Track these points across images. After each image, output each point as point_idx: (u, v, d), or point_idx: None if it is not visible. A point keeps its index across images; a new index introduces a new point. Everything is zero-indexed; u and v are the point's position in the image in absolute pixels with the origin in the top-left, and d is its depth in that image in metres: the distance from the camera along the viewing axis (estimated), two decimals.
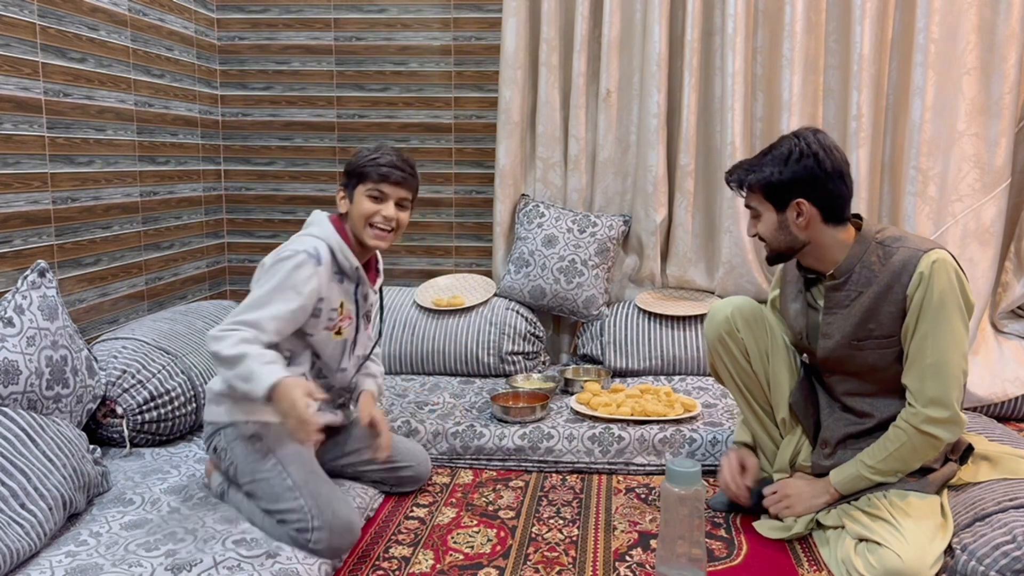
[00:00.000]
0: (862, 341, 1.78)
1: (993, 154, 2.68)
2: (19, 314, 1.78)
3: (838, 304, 1.81)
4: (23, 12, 2.17)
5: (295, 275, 1.73)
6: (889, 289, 1.73)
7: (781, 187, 1.77)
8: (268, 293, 1.72)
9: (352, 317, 1.91)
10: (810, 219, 1.77)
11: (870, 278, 1.76)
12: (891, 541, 1.61)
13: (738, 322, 1.96)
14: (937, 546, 1.61)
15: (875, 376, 1.81)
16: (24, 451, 1.63)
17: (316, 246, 1.79)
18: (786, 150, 1.76)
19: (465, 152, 3.22)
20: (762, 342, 1.96)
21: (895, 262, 1.73)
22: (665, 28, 2.86)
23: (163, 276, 2.87)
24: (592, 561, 1.77)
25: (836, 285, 1.80)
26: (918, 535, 1.61)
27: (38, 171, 2.24)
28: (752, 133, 2.91)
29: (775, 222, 1.81)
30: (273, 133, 3.27)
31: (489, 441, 2.31)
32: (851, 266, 1.78)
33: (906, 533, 1.61)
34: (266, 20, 3.20)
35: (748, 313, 1.97)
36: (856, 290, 1.77)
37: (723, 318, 1.97)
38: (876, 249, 1.77)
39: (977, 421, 2.29)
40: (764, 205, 1.81)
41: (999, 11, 2.65)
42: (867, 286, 1.76)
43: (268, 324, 1.70)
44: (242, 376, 1.65)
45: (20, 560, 1.50)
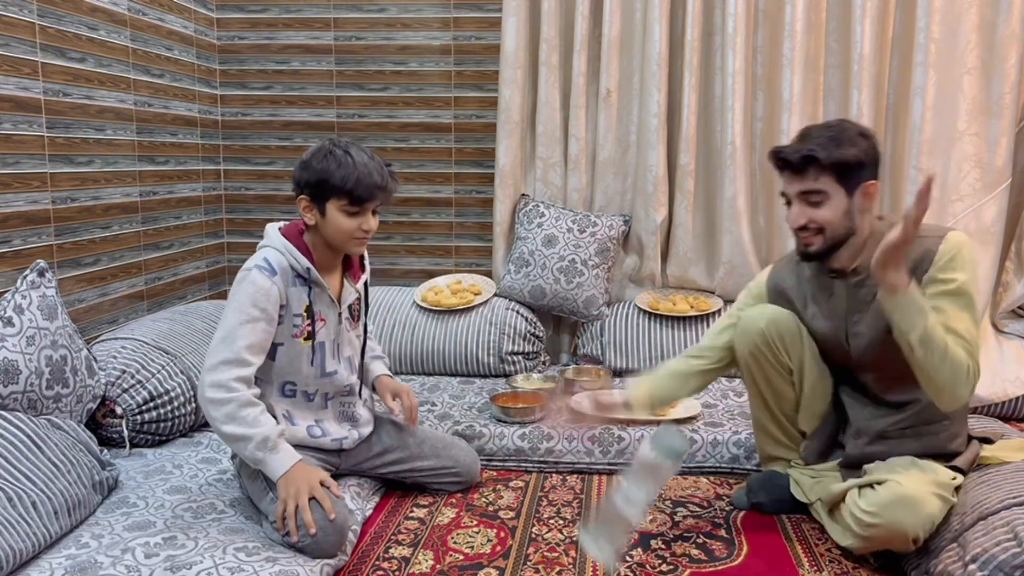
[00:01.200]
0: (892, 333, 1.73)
1: (994, 154, 2.68)
2: (19, 314, 1.78)
3: (863, 301, 1.77)
4: (23, 12, 2.16)
5: (254, 293, 1.71)
6: (912, 276, 1.67)
7: (859, 167, 1.69)
8: (235, 321, 1.70)
9: (324, 319, 1.86)
10: (872, 204, 1.72)
11: None
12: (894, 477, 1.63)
13: (774, 336, 1.89)
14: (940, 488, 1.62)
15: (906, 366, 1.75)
16: (31, 455, 1.63)
17: (266, 256, 1.76)
18: (855, 130, 1.70)
19: (465, 152, 3.22)
20: (796, 355, 1.90)
21: (915, 251, 1.67)
22: (665, 28, 2.86)
23: (163, 276, 2.87)
24: (592, 561, 1.77)
25: (859, 282, 1.76)
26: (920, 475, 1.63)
27: (37, 171, 2.23)
28: (752, 133, 2.91)
29: (845, 207, 1.71)
30: (273, 133, 3.27)
31: (489, 441, 2.30)
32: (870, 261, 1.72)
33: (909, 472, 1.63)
34: (266, 20, 3.20)
35: (784, 326, 1.89)
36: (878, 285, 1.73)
37: (758, 331, 1.90)
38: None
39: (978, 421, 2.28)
40: (835, 187, 1.69)
41: (999, 11, 2.64)
42: None
43: (247, 354, 1.69)
44: (252, 460, 1.68)
45: (22, 561, 1.50)
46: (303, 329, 1.82)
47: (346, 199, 1.74)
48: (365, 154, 1.75)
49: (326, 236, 1.80)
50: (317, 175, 1.74)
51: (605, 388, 2.67)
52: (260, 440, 1.65)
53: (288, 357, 1.83)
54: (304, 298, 1.81)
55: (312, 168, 1.74)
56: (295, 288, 1.80)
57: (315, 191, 1.75)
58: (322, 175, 1.73)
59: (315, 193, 1.76)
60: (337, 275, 1.90)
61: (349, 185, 1.72)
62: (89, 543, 1.60)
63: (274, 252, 1.78)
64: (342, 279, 1.91)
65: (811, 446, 1.94)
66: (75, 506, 1.67)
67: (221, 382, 1.65)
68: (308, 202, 1.78)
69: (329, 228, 1.78)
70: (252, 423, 1.66)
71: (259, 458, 1.66)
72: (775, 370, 1.92)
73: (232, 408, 1.65)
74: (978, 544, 1.55)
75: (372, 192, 1.75)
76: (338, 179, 1.72)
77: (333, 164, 1.72)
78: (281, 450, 1.68)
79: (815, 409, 1.94)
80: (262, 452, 1.65)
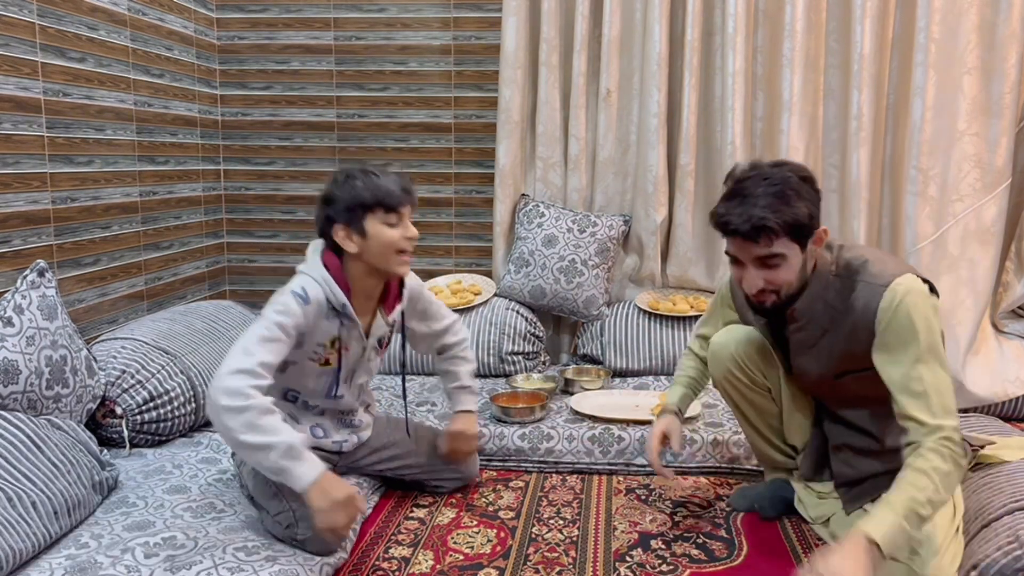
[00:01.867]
0: (840, 376, 1.71)
1: (994, 154, 2.68)
2: (19, 314, 1.78)
3: (803, 344, 1.73)
4: (23, 12, 2.16)
5: (283, 316, 1.69)
6: (855, 329, 1.61)
7: (810, 221, 1.57)
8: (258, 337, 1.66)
9: (348, 349, 1.84)
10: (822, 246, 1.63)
11: (833, 316, 1.64)
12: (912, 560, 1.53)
13: (745, 359, 1.88)
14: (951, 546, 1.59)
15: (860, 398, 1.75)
16: (31, 455, 1.63)
17: (304, 285, 1.73)
18: (794, 179, 1.57)
19: (465, 152, 3.22)
20: (772, 374, 1.90)
21: (857, 300, 1.60)
22: (665, 27, 2.86)
23: (162, 276, 2.87)
24: (592, 561, 1.77)
25: (798, 327, 1.71)
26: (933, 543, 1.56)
27: (37, 171, 2.23)
28: (752, 133, 2.91)
29: (800, 263, 1.60)
30: (273, 133, 3.27)
31: (489, 441, 2.30)
32: (810, 307, 1.66)
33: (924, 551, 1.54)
34: (266, 20, 3.20)
35: (755, 347, 1.88)
36: (820, 328, 1.67)
37: (729, 356, 1.89)
38: (834, 283, 1.64)
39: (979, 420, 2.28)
40: (790, 247, 1.57)
41: (999, 11, 2.64)
42: (831, 323, 1.65)
43: (262, 370, 1.64)
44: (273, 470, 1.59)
45: (22, 561, 1.50)
46: (323, 357, 1.81)
47: (382, 209, 1.74)
48: (378, 170, 1.79)
49: (370, 259, 1.78)
50: (347, 199, 1.74)
51: (605, 388, 2.67)
52: (284, 449, 1.56)
53: (298, 374, 1.82)
54: (333, 331, 1.79)
55: (338, 196, 1.75)
56: (327, 321, 1.78)
57: (349, 215, 1.75)
58: (352, 197, 1.74)
59: (350, 217, 1.75)
60: (372, 306, 1.88)
61: (381, 195, 1.74)
62: (89, 543, 1.60)
63: (312, 283, 1.74)
64: (375, 311, 1.88)
65: (805, 461, 1.93)
66: (75, 506, 1.67)
67: (237, 389, 1.57)
68: (345, 228, 1.76)
69: (373, 246, 1.76)
70: (273, 431, 1.58)
71: (282, 467, 1.57)
72: (752, 391, 1.92)
73: (251, 416, 1.56)
74: (980, 551, 1.55)
75: (403, 196, 1.77)
76: (369, 194, 1.74)
77: (358, 184, 1.74)
78: (306, 458, 1.60)
79: (799, 422, 1.92)
80: (286, 461, 1.57)
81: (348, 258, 1.79)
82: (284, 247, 3.34)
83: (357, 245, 1.76)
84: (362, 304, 1.83)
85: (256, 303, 3.28)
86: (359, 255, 1.77)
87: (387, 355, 2.09)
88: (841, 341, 1.66)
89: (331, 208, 1.76)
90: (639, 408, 2.45)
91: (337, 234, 1.76)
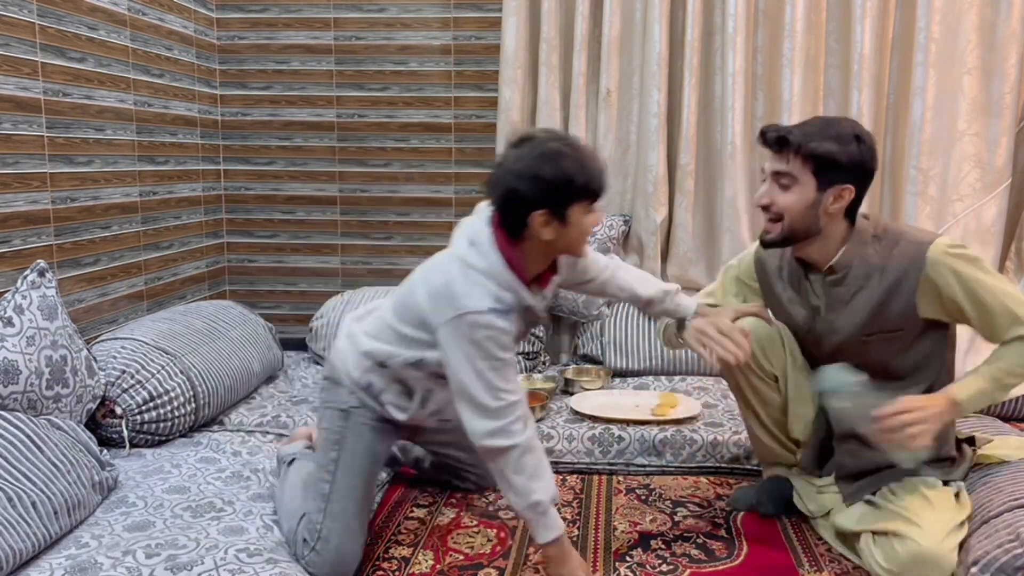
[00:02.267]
0: (870, 336, 1.75)
1: (994, 154, 2.69)
2: (19, 314, 1.78)
3: (839, 299, 1.77)
4: (22, 12, 2.16)
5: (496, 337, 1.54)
6: (898, 284, 1.69)
7: (835, 167, 1.65)
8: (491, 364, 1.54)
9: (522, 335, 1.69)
10: (841, 208, 1.70)
11: (869, 273, 1.72)
12: (911, 531, 1.60)
13: (755, 346, 1.87)
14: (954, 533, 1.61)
15: (879, 367, 1.77)
16: (30, 455, 1.63)
17: (495, 294, 1.55)
18: (849, 131, 1.66)
19: (465, 152, 3.22)
20: (779, 362, 1.91)
21: (898, 256, 1.69)
22: (665, 28, 2.86)
23: (162, 276, 2.87)
24: (592, 561, 1.77)
25: (836, 280, 1.76)
26: (935, 522, 1.61)
27: (37, 171, 2.23)
28: (752, 133, 2.91)
29: (810, 200, 1.68)
30: (273, 133, 3.27)
31: None
32: (849, 261, 1.73)
33: (924, 522, 1.61)
34: (266, 20, 3.20)
35: (764, 335, 1.89)
36: (856, 285, 1.74)
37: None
38: (873, 243, 1.73)
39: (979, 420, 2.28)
40: (806, 177, 1.67)
41: (1000, 10, 2.65)
42: (867, 280, 1.72)
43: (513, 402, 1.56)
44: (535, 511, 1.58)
45: (22, 561, 1.50)
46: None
47: (589, 199, 1.55)
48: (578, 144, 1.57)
49: (560, 246, 1.60)
50: (558, 183, 1.51)
51: (605, 388, 2.67)
52: (534, 503, 1.57)
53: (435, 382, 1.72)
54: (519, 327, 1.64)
55: (546, 179, 1.51)
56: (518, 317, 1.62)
57: (555, 200, 1.52)
58: (563, 181, 1.51)
59: (555, 203, 1.52)
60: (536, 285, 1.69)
61: (594, 182, 1.54)
62: (89, 543, 1.60)
63: (499, 289, 1.56)
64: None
65: (807, 453, 1.93)
66: (75, 506, 1.67)
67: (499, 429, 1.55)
68: (547, 216, 1.53)
69: (571, 234, 1.57)
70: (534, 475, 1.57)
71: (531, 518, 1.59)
72: (759, 378, 1.92)
73: (516, 455, 1.56)
74: (980, 547, 1.55)
75: (605, 181, 1.58)
76: (582, 181, 1.52)
77: (572, 166, 1.52)
78: (552, 514, 1.60)
79: (803, 414, 1.93)
80: (533, 514, 1.58)
81: (530, 242, 1.58)
82: (284, 247, 3.34)
83: (554, 233, 1.55)
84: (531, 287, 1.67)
85: (256, 303, 3.29)
86: (549, 241, 1.57)
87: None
88: (877, 297, 1.71)
89: (534, 187, 1.51)
90: (639, 408, 2.45)
91: (535, 220, 1.53)
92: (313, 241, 3.32)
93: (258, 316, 2.84)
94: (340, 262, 3.33)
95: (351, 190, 3.27)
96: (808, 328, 1.85)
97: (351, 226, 3.30)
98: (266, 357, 2.69)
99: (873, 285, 1.72)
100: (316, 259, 3.34)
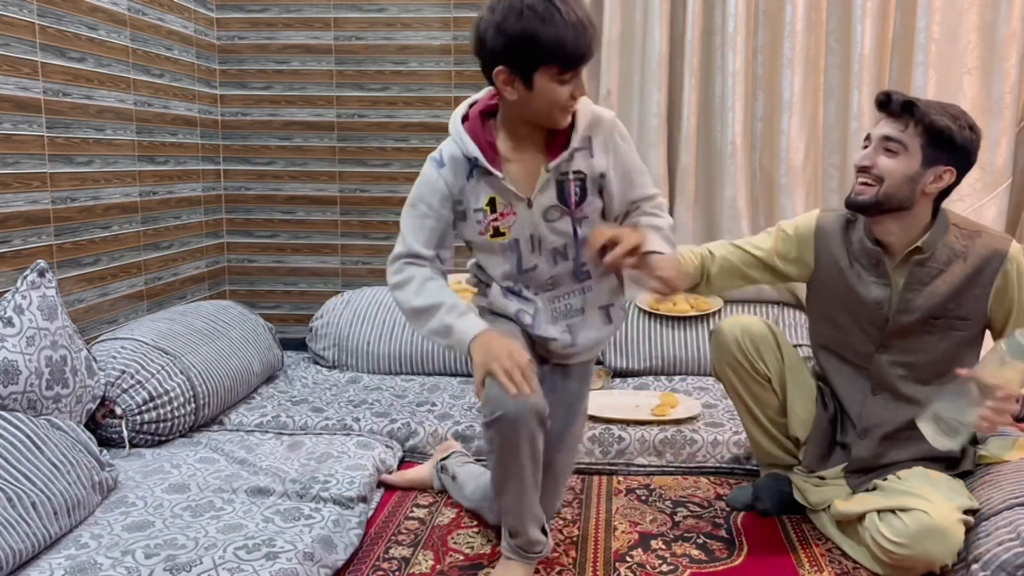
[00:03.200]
0: (939, 319, 1.77)
1: (994, 154, 2.69)
2: (19, 314, 1.78)
3: (919, 280, 1.77)
4: (22, 12, 2.16)
5: (421, 186, 1.60)
6: (978, 272, 1.73)
7: (948, 145, 1.68)
8: (405, 216, 1.62)
9: (515, 212, 1.58)
10: (937, 190, 1.73)
11: (951, 258, 1.75)
12: (920, 504, 1.61)
13: (748, 345, 1.91)
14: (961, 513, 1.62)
15: (934, 359, 1.79)
16: (30, 456, 1.63)
17: (442, 146, 1.60)
18: (965, 117, 1.70)
19: None
20: (775, 363, 1.92)
21: (981, 247, 1.74)
22: (665, 27, 2.86)
23: (162, 276, 2.87)
24: (592, 561, 1.77)
25: (922, 260, 1.77)
26: (944, 499, 1.62)
27: (37, 171, 2.23)
28: (752, 133, 2.91)
29: (913, 171, 1.70)
30: (272, 133, 3.27)
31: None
32: (935, 244, 1.75)
33: (933, 498, 1.62)
34: (265, 20, 3.20)
35: (758, 335, 1.91)
36: (937, 268, 1.76)
37: (733, 341, 1.91)
38: (955, 231, 1.76)
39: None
40: (916, 148, 1.69)
41: (1000, 11, 2.65)
42: (947, 265, 1.75)
43: (419, 247, 1.59)
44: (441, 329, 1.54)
45: (21, 561, 1.50)
46: (487, 225, 1.60)
47: (558, 67, 1.43)
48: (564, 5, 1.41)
49: (529, 112, 1.52)
50: (519, 40, 1.40)
51: (605, 388, 2.67)
52: (449, 305, 1.54)
53: (484, 256, 1.68)
54: (486, 189, 1.57)
55: (508, 31, 1.40)
56: (471, 180, 1.57)
57: (516, 59, 1.43)
58: (525, 37, 1.40)
59: (517, 61, 1.43)
60: (535, 155, 1.59)
61: (564, 49, 1.41)
62: (88, 543, 1.60)
63: (448, 141, 1.59)
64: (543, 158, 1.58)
65: (810, 451, 1.93)
66: (74, 506, 1.67)
67: (397, 268, 1.60)
68: (507, 73, 1.45)
69: (537, 102, 1.48)
70: (438, 293, 1.57)
71: (448, 323, 1.52)
72: (753, 379, 1.93)
73: (416, 284, 1.57)
74: (980, 544, 1.56)
75: (587, 51, 1.45)
76: (549, 44, 1.40)
77: (537, 23, 1.39)
78: (470, 316, 1.55)
79: (800, 414, 1.94)
80: (451, 317, 1.52)
81: (502, 103, 1.55)
82: (284, 247, 3.34)
83: (518, 95, 1.48)
84: (520, 154, 1.58)
85: (256, 303, 3.29)
86: (515, 103, 1.51)
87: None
88: (958, 281, 1.75)
89: (497, 39, 1.43)
90: (639, 408, 2.45)
91: (498, 76, 1.46)
92: (313, 241, 3.33)
93: (258, 316, 2.84)
94: (340, 262, 3.33)
95: (351, 190, 3.27)
96: (880, 306, 1.81)
97: (351, 226, 3.30)
98: (266, 357, 2.69)
99: (955, 270, 1.75)
100: (316, 259, 3.34)
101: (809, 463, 1.93)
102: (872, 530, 1.67)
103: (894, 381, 1.82)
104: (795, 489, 1.95)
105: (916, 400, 1.78)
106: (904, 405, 1.81)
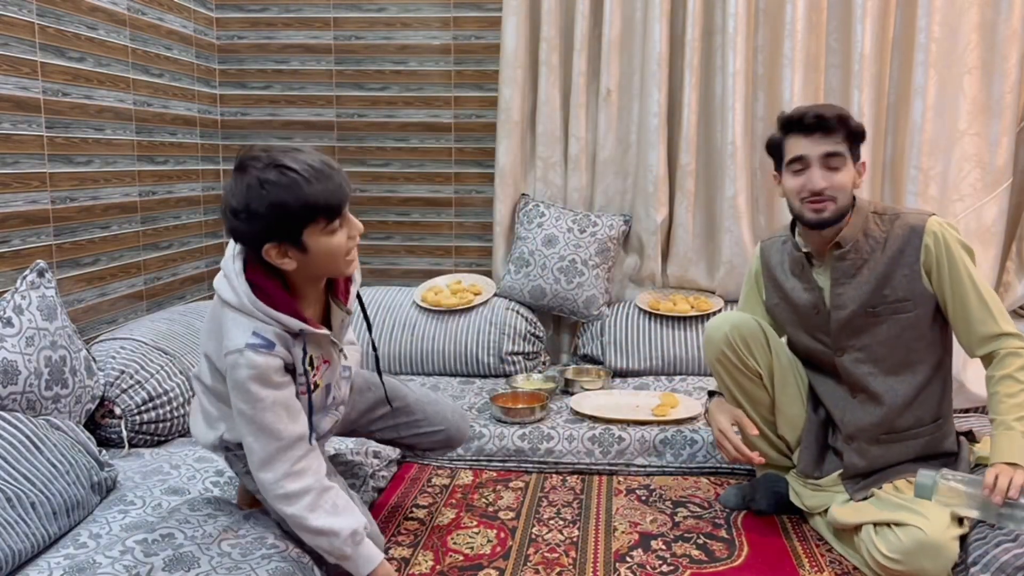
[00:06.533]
0: (877, 307, 1.78)
1: (994, 154, 2.68)
2: (18, 314, 1.78)
3: (845, 274, 1.80)
4: (22, 11, 2.16)
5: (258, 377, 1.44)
6: (900, 253, 1.76)
7: (862, 141, 1.80)
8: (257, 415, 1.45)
9: (328, 360, 1.60)
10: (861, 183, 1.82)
11: (873, 246, 1.78)
12: (915, 520, 1.61)
13: (738, 340, 1.92)
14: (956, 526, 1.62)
15: (892, 348, 1.79)
16: (29, 456, 1.63)
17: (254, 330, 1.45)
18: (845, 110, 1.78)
19: (465, 152, 3.22)
20: (764, 360, 1.93)
21: (899, 228, 1.77)
22: (666, 27, 2.85)
23: (162, 276, 2.86)
24: (592, 562, 1.77)
25: (843, 254, 1.79)
26: (939, 513, 1.62)
27: (37, 171, 2.23)
28: (753, 132, 2.91)
29: (852, 177, 1.78)
30: (272, 132, 3.27)
31: (489, 442, 2.30)
32: (855, 235, 1.78)
33: (928, 513, 1.62)
34: (265, 19, 3.20)
35: (748, 331, 1.93)
36: (861, 258, 1.78)
37: (722, 336, 1.93)
38: (874, 218, 1.80)
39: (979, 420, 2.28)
40: (848, 155, 1.78)
41: (1000, 10, 2.64)
42: (871, 253, 1.78)
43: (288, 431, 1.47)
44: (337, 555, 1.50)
45: (21, 561, 1.50)
46: (310, 383, 1.54)
47: (324, 219, 1.42)
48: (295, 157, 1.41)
49: (313, 271, 1.49)
50: (271, 213, 1.38)
51: (605, 389, 2.67)
52: (349, 534, 1.48)
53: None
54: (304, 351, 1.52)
55: (259, 210, 1.38)
56: (295, 348, 1.51)
57: (278, 231, 1.40)
58: (277, 209, 1.38)
59: (280, 234, 1.41)
60: (322, 301, 1.61)
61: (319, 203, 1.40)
62: (87, 543, 1.60)
63: (256, 324, 1.46)
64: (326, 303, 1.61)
65: (804, 456, 1.93)
66: (74, 507, 1.67)
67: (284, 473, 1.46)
68: (277, 247, 1.43)
69: (318, 259, 1.45)
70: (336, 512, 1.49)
71: (346, 553, 1.49)
72: (743, 375, 1.94)
73: (312, 498, 1.48)
74: (979, 546, 1.56)
75: (343, 193, 1.44)
76: (300, 204, 1.38)
77: (281, 191, 1.37)
78: (367, 543, 1.52)
79: (790, 413, 1.94)
80: (350, 548, 1.49)
81: (285, 274, 1.50)
82: None
83: (296, 261, 1.45)
84: (312, 306, 1.57)
85: None
86: (298, 270, 1.47)
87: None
88: (882, 267, 1.77)
89: (251, 225, 1.40)
90: (639, 408, 2.45)
91: (269, 254, 1.43)
92: None
93: None
94: None
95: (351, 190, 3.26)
96: (816, 309, 1.85)
97: None
98: None
99: (877, 257, 1.77)
100: None
101: (804, 468, 1.92)
102: (867, 543, 1.68)
103: (865, 380, 1.82)
104: (792, 491, 1.94)
105: (893, 394, 1.79)
106: (884, 405, 1.80)
